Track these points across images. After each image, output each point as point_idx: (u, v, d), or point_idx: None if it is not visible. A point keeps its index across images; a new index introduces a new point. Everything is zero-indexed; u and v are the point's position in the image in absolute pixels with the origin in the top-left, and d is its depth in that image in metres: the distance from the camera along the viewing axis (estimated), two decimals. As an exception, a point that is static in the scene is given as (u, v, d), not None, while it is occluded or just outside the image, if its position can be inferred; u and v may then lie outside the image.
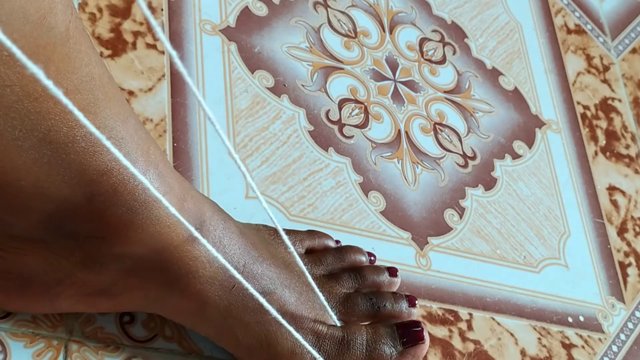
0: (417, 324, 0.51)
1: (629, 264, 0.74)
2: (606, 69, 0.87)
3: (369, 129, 0.67)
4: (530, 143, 0.75)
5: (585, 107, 0.82)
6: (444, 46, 0.77)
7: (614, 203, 0.77)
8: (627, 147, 0.82)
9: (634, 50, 0.90)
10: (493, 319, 0.63)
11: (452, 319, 0.61)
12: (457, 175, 0.69)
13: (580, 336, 0.66)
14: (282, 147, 0.62)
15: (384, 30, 0.74)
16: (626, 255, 0.74)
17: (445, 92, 0.74)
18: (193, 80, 0.61)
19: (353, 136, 0.66)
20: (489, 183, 0.71)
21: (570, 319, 0.67)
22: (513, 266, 0.67)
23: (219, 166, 0.59)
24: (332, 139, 0.65)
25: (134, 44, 0.61)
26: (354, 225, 0.62)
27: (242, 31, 0.66)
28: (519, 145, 0.75)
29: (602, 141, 0.81)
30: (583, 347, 0.66)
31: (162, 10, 0.63)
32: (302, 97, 0.66)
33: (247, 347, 0.48)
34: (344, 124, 0.66)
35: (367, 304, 0.52)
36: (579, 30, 0.88)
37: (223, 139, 0.39)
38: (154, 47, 0.61)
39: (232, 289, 0.46)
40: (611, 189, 0.78)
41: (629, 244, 0.75)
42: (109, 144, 0.35)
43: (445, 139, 0.71)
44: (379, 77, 0.71)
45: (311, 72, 0.67)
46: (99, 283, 0.45)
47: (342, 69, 0.69)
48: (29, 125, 0.37)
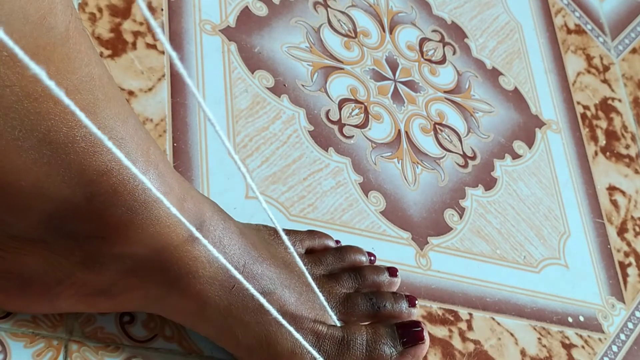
0: (417, 324, 0.51)
1: (629, 264, 0.74)
2: (606, 69, 0.87)
3: (369, 129, 0.67)
4: (530, 143, 0.75)
5: (585, 107, 0.82)
6: (444, 46, 0.77)
7: (614, 203, 0.77)
8: (627, 147, 0.82)
9: (634, 50, 0.90)
10: (493, 319, 0.63)
11: (452, 319, 0.61)
12: (457, 175, 0.69)
13: (580, 336, 0.66)
14: (282, 147, 0.62)
15: (384, 30, 0.74)
16: (626, 255, 0.74)
17: (445, 92, 0.74)
18: (193, 81, 0.61)
19: (353, 136, 0.66)
20: (489, 183, 0.71)
21: (570, 319, 0.67)
22: (513, 266, 0.67)
23: (219, 166, 0.59)
24: (332, 139, 0.65)
25: (134, 44, 0.61)
26: (354, 225, 0.62)
27: (242, 31, 0.66)
28: (519, 145, 0.75)
29: (602, 141, 0.81)
30: (583, 347, 0.66)
31: (162, 10, 0.63)
32: (302, 97, 0.66)
33: (247, 347, 0.48)
34: (344, 124, 0.66)
35: (367, 304, 0.52)
36: (579, 30, 0.88)
37: (223, 140, 0.39)
38: (154, 47, 0.61)
39: (232, 289, 0.46)
40: (611, 189, 0.78)
41: (629, 244, 0.75)
42: (110, 145, 0.35)
43: (445, 139, 0.71)
44: (379, 77, 0.71)
45: (311, 72, 0.67)
46: (99, 283, 0.45)
47: (342, 69, 0.69)
48: (29, 126, 0.37)
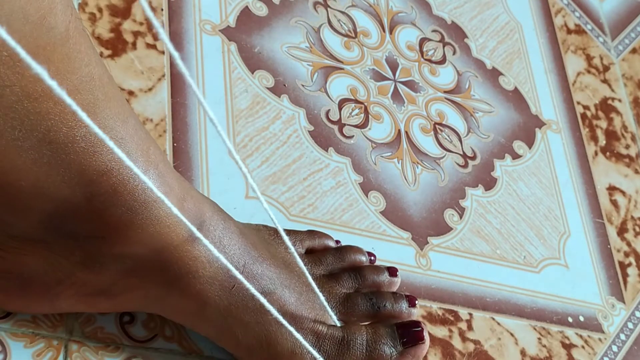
0: (417, 324, 0.51)
1: (629, 264, 0.74)
2: (606, 69, 0.87)
3: (369, 129, 0.67)
4: (530, 143, 0.75)
5: (585, 107, 0.82)
6: (444, 46, 0.77)
7: (614, 203, 0.77)
8: (627, 147, 0.82)
9: (634, 50, 0.90)
10: (493, 319, 0.63)
11: (452, 319, 0.61)
12: (457, 175, 0.69)
13: (580, 336, 0.66)
14: (282, 147, 0.62)
15: (384, 30, 0.74)
16: (626, 255, 0.74)
17: (445, 92, 0.74)
18: (193, 81, 0.61)
19: (353, 136, 0.66)
20: (489, 183, 0.71)
21: (570, 319, 0.67)
22: (513, 266, 0.67)
23: (219, 166, 0.59)
24: (332, 139, 0.65)
25: (134, 44, 0.61)
26: (354, 225, 0.62)
27: (242, 31, 0.66)
28: (519, 145, 0.75)
29: (602, 141, 0.81)
30: (583, 347, 0.66)
31: (162, 10, 0.63)
32: (302, 97, 0.66)
33: (247, 347, 0.48)
34: (344, 124, 0.66)
35: (367, 304, 0.52)
36: (579, 30, 0.88)
37: (224, 140, 0.39)
38: (154, 47, 0.61)
39: (232, 289, 0.46)
40: (611, 189, 0.78)
41: (629, 244, 0.75)
42: (111, 144, 0.35)
43: (445, 139, 0.71)
44: (379, 77, 0.71)
45: (311, 72, 0.67)
46: (99, 283, 0.45)
47: (342, 69, 0.69)
48: (29, 126, 0.37)
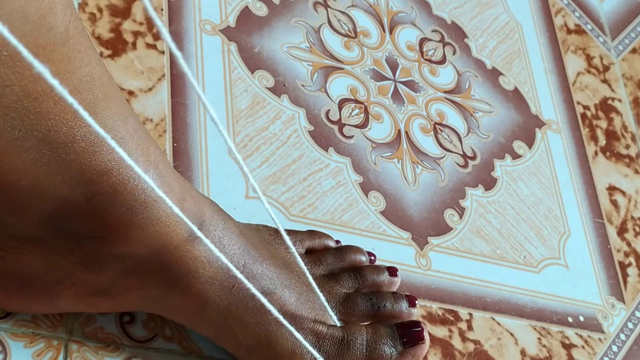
0: (417, 324, 0.51)
1: (629, 264, 0.74)
2: (606, 69, 0.87)
3: (369, 129, 0.67)
4: (530, 143, 0.75)
5: (585, 107, 0.82)
6: (444, 46, 0.77)
7: (614, 203, 0.77)
8: (627, 147, 0.82)
9: (634, 50, 0.90)
10: (493, 319, 0.63)
11: (452, 319, 0.61)
12: (457, 175, 0.69)
13: (580, 336, 0.66)
14: (282, 147, 0.62)
15: (384, 30, 0.74)
16: (626, 255, 0.74)
17: (445, 92, 0.74)
18: (194, 80, 0.61)
19: (353, 136, 0.66)
20: (489, 183, 0.71)
21: (570, 319, 0.67)
22: (513, 266, 0.67)
23: (219, 166, 0.59)
24: (332, 139, 0.65)
25: (134, 44, 0.61)
26: (354, 225, 0.62)
27: (242, 31, 0.66)
28: (519, 145, 0.75)
29: (602, 141, 0.81)
30: (583, 347, 0.66)
31: (162, 10, 0.63)
32: (302, 97, 0.66)
33: (247, 347, 0.48)
34: (344, 124, 0.66)
35: (367, 304, 0.52)
36: (579, 30, 0.88)
37: (226, 139, 0.39)
38: (154, 47, 0.61)
39: (232, 288, 0.46)
40: (611, 189, 0.78)
41: (629, 244, 0.75)
42: (113, 143, 0.35)
43: (445, 139, 0.71)
44: (379, 77, 0.71)
45: (311, 72, 0.67)
46: (99, 283, 0.45)
47: (342, 69, 0.69)
48: (29, 125, 0.37)
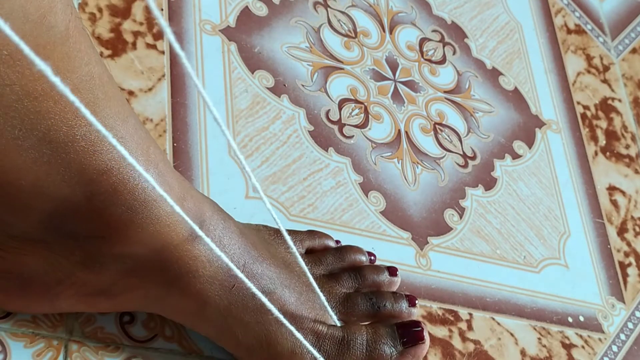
0: (417, 323, 0.51)
1: (629, 264, 0.73)
2: (606, 69, 0.87)
3: (369, 129, 0.67)
4: (530, 143, 0.75)
5: (585, 107, 0.82)
6: (444, 46, 0.77)
7: (614, 203, 0.77)
8: (627, 147, 0.82)
9: (634, 50, 0.90)
10: (493, 319, 0.63)
11: (452, 319, 0.61)
12: (457, 175, 0.69)
13: (580, 336, 0.66)
14: (282, 147, 0.62)
15: (384, 30, 0.74)
16: (626, 255, 0.74)
17: (445, 92, 0.74)
18: (194, 79, 0.61)
19: (353, 136, 0.66)
20: (489, 183, 0.71)
21: (570, 319, 0.67)
22: (513, 266, 0.67)
23: (219, 166, 0.59)
24: (332, 139, 0.65)
25: (134, 44, 0.61)
26: (354, 225, 0.62)
27: (242, 31, 0.66)
28: (519, 145, 0.75)
29: (602, 141, 0.81)
30: (583, 347, 0.66)
31: (162, 10, 0.63)
32: (302, 97, 0.66)
33: (247, 347, 0.48)
34: (344, 124, 0.66)
35: (367, 304, 0.52)
36: (579, 30, 0.88)
37: (228, 138, 0.39)
38: (154, 47, 0.61)
39: (232, 288, 0.46)
40: (611, 189, 0.78)
41: (629, 244, 0.75)
42: (114, 142, 0.35)
43: (445, 139, 0.71)
44: (379, 77, 0.71)
45: (311, 72, 0.67)
46: (99, 283, 0.45)
47: (342, 69, 0.69)
48: (29, 125, 0.37)
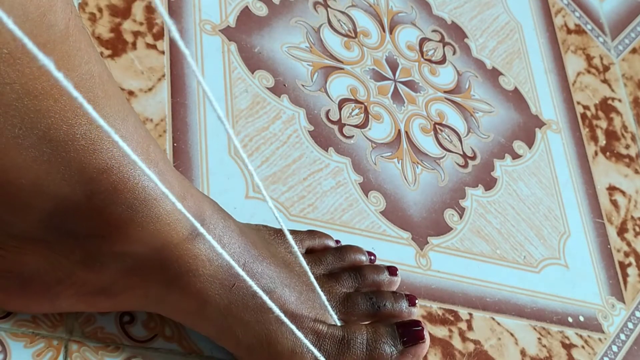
0: (417, 323, 0.51)
1: (629, 264, 0.73)
2: (606, 69, 0.87)
3: (369, 129, 0.67)
4: (530, 143, 0.75)
5: (585, 107, 0.82)
6: (444, 46, 0.77)
7: (614, 203, 0.77)
8: (627, 147, 0.82)
9: (634, 50, 0.90)
10: (493, 319, 0.63)
11: (452, 319, 0.61)
12: (457, 175, 0.69)
13: (580, 336, 0.66)
14: (282, 147, 0.62)
15: (384, 30, 0.74)
16: (626, 255, 0.74)
17: (445, 92, 0.74)
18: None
19: (353, 136, 0.66)
20: (489, 183, 0.71)
21: (570, 319, 0.66)
22: (513, 266, 0.67)
23: (219, 166, 0.59)
24: (332, 139, 0.65)
25: (134, 44, 0.61)
26: (354, 225, 0.62)
27: (242, 31, 0.66)
28: (519, 145, 0.75)
29: (602, 141, 0.81)
30: (583, 347, 0.66)
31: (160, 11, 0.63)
32: (302, 97, 0.66)
33: (247, 346, 0.48)
34: (344, 124, 0.66)
35: (367, 304, 0.52)
36: (579, 30, 0.88)
37: (232, 137, 0.39)
38: (154, 47, 0.61)
39: (232, 287, 0.46)
40: (611, 189, 0.78)
41: (629, 244, 0.75)
42: (117, 138, 0.35)
43: (445, 139, 0.71)
44: (379, 77, 0.71)
45: (311, 72, 0.67)
46: (99, 282, 0.45)
47: (342, 69, 0.69)
48: (29, 123, 0.37)
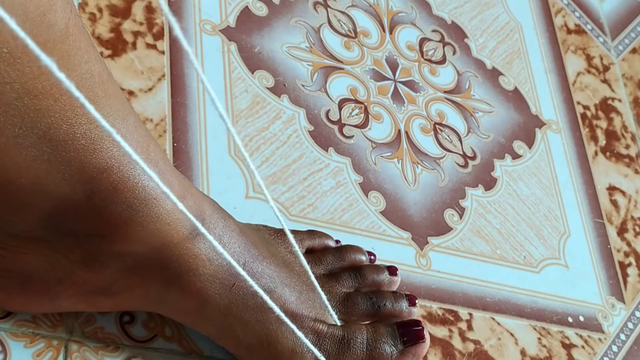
0: (417, 323, 0.51)
1: (629, 264, 0.73)
2: (606, 69, 0.87)
3: (369, 129, 0.67)
4: (530, 143, 0.75)
5: (585, 107, 0.82)
6: (444, 46, 0.77)
7: (614, 203, 0.77)
8: (627, 147, 0.82)
9: (634, 50, 0.90)
10: (493, 319, 0.63)
11: (452, 319, 0.61)
12: (457, 175, 0.69)
13: (580, 336, 0.66)
14: (282, 147, 0.62)
15: (384, 30, 0.74)
16: (626, 255, 0.74)
17: (445, 92, 0.74)
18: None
19: (353, 136, 0.66)
20: (489, 183, 0.71)
21: (570, 319, 0.66)
22: (513, 266, 0.67)
23: (219, 166, 0.59)
24: (332, 139, 0.65)
25: (134, 44, 0.61)
26: (354, 225, 0.62)
27: (242, 31, 0.66)
28: (519, 145, 0.75)
29: (602, 141, 0.81)
30: (583, 347, 0.66)
31: (161, 10, 0.63)
32: (302, 97, 0.66)
33: (247, 346, 0.48)
34: (344, 124, 0.66)
35: (367, 303, 0.52)
36: (579, 30, 0.88)
37: (234, 136, 0.39)
38: (154, 47, 0.61)
39: (233, 287, 0.46)
40: (611, 189, 0.78)
41: (629, 244, 0.75)
42: (118, 138, 0.35)
43: (445, 139, 0.71)
44: (379, 77, 0.71)
45: (311, 72, 0.67)
46: (99, 281, 0.45)
47: (342, 69, 0.69)
48: (29, 123, 0.37)
